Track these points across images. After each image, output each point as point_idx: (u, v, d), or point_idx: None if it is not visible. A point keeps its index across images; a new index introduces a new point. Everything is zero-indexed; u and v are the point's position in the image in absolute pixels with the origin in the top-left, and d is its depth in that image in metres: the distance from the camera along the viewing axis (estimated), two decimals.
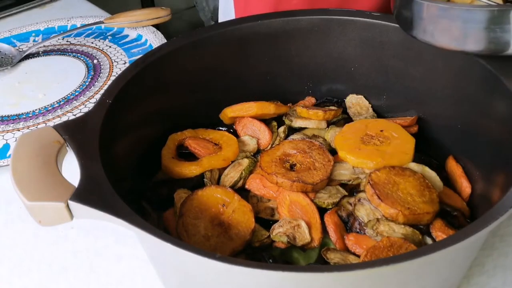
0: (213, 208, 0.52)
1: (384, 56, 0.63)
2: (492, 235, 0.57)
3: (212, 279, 0.42)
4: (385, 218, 0.50)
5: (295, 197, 0.53)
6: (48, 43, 1.01)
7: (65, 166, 0.47)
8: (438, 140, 0.61)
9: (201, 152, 0.60)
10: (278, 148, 0.58)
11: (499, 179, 0.49)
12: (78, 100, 0.84)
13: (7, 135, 0.78)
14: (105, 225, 0.57)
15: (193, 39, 0.62)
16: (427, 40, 0.52)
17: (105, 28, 1.05)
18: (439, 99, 0.60)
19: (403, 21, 0.55)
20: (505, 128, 0.50)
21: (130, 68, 0.57)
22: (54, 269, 0.58)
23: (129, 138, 0.55)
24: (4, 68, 0.95)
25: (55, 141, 0.47)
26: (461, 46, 0.50)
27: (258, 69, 0.66)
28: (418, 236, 0.49)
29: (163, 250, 0.41)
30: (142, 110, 0.58)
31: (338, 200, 0.53)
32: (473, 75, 0.54)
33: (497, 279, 0.53)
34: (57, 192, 0.41)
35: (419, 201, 0.50)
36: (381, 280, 0.39)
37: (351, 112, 0.66)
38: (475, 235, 0.37)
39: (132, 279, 0.56)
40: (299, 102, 0.68)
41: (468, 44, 0.49)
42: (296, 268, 0.38)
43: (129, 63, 0.93)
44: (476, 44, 0.48)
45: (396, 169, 0.53)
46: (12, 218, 0.65)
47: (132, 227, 0.39)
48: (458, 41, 0.49)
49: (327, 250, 0.49)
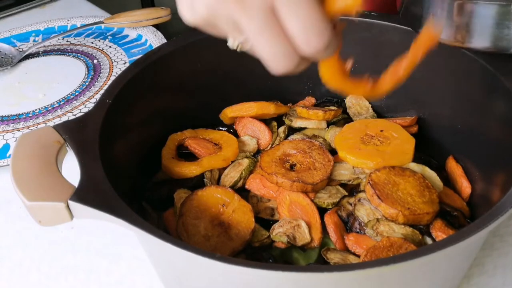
0: (213, 208, 0.52)
1: (384, 56, 0.63)
2: (492, 235, 0.57)
3: (212, 279, 0.42)
4: (385, 218, 0.50)
5: (295, 197, 0.53)
6: (48, 43, 1.01)
7: (65, 166, 0.47)
8: (438, 140, 0.61)
9: (201, 152, 0.60)
10: (278, 148, 0.58)
11: (499, 179, 0.49)
12: (78, 100, 0.84)
13: (7, 135, 0.78)
14: (105, 225, 0.57)
15: (193, 39, 0.62)
16: None
17: (105, 28, 1.05)
18: (439, 99, 0.60)
19: (411, 18, 0.54)
20: (505, 128, 0.50)
21: (130, 68, 0.57)
22: (54, 269, 0.58)
23: (129, 138, 0.55)
24: (4, 68, 0.95)
25: (55, 141, 0.47)
26: (469, 43, 0.49)
27: (258, 69, 0.66)
28: (418, 236, 0.49)
29: (163, 250, 0.41)
30: (142, 110, 0.58)
31: (338, 200, 0.53)
32: (473, 75, 0.54)
33: (497, 279, 0.53)
34: (57, 192, 0.41)
35: (419, 201, 0.50)
36: (381, 280, 0.39)
37: (351, 112, 0.66)
38: (475, 235, 0.37)
39: (132, 279, 0.56)
40: (299, 102, 0.68)
41: (477, 41, 0.48)
42: (296, 268, 0.38)
43: (129, 63, 0.93)
44: (485, 41, 0.48)
45: (396, 169, 0.53)
46: (12, 218, 0.65)
47: (132, 227, 0.39)
48: (467, 38, 0.49)
49: (327, 250, 0.49)
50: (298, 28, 0.37)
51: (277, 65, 0.39)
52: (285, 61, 0.38)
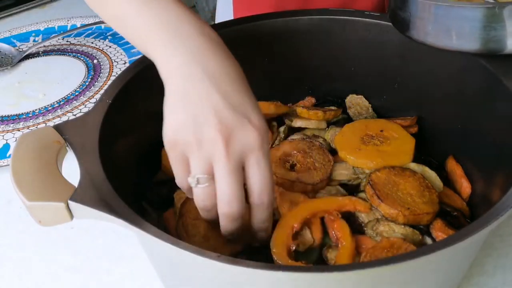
0: None
1: (384, 56, 0.63)
2: (492, 235, 0.57)
3: (212, 279, 0.42)
4: (385, 219, 0.50)
5: (295, 197, 0.53)
6: (48, 43, 1.01)
7: (65, 166, 0.47)
8: (438, 140, 0.61)
9: None
10: (278, 148, 0.58)
11: (499, 179, 0.49)
12: (78, 100, 0.84)
13: (7, 135, 0.78)
14: (105, 225, 0.57)
15: None
16: (423, 41, 0.51)
17: (105, 28, 1.05)
18: (439, 99, 0.60)
19: (398, 22, 0.54)
20: (505, 128, 0.50)
21: (130, 68, 0.57)
22: (54, 269, 0.58)
23: (129, 138, 0.55)
24: (4, 68, 0.95)
25: (55, 141, 0.47)
26: (459, 46, 0.49)
27: (258, 69, 0.66)
28: (418, 236, 0.49)
29: (163, 250, 0.41)
30: (142, 110, 0.58)
31: None
32: (473, 75, 0.54)
33: (497, 279, 0.53)
34: (57, 192, 0.41)
35: (419, 202, 0.50)
36: (381, 280, 0.39)
37: (351, 112, 0.66)
38: (475, 235, 0.37)
39: (132, 279, 0.56)
40: (299, 102, 0.68)
41: (466, 44, 0.49)
42: (296, 268, 0.38)
43: (129, 63, 0.93)
44: (474, 43, 0.48)
45: (396, 170, 0.53)
46: (12, 218, 0.65)
47: (132, 227, 0.39)
48: (456, 41, 0.49)
49: (327, 250, 0.49)
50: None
51: (228, 207, 0.43)
52: (238, 204, 0.43)
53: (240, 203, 0.43)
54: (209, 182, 0.43)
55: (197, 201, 0.45)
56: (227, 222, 0.45)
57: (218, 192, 0.43)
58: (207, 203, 0.45)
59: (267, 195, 0.44)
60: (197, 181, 0.43)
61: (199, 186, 0.44)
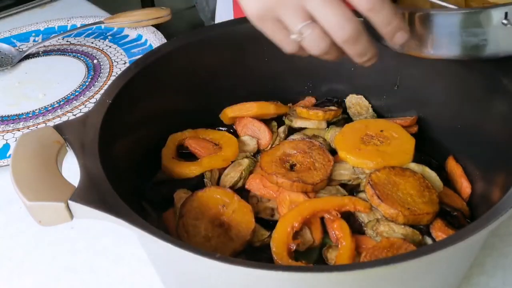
0: (213, 209, 0.52)
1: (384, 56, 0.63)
2: (492, 235, 0.57)
3: (212, 279, 0.42)
4: (385, 219, 0.50)
5: (295, 197, 0.53)
6: (48, 43, 1.01)
7: (65, 166, 0.47)
8: (438, 140, 0.61)
9: (201, 152, 0.60)
10: (278, 148, 0.58)
11: (499, 179, 0.49)
12: (78, 100, 0.84)
13: (7, 135, 0.78)
14: (105, 225, 0.57)
15: (193, 39, 0.62)
16: (398, 49, 0.50)
17: (105, 28, 1.05)
18: (439, 99, 0.60)
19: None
20: (505, 128, 0.50)
21: (130, 68, 0.57)
22: (54, 269, 0.58)
23: (129, 138, 0.55)
24: (4, 68, 0.95)
25: (55, 141, 0.47)
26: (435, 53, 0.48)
27: (258, 69, 0.66)
28: (418, 236, 0.49)
29: (163, 250, 0.41)
30: (142, 110, 0.58)
31: None
32: (473, 75, 0.54)
33: (497, 279, 0.53)
34: (57, 192, 0.41)
35: (419, 202, 0.50)
36: (381, 280, 0.39)
37: (351, 112, 0.66)
38: (475, 235, 0.37)
39: (132, 279, 0.56)
40: (299, 102, 0.68)
41: (442, 51, 0.48)
42: (296, 268, 0.38)
43: (129, 63, 0.93)
44: (451, 50, 0.47)
45: (396, 170, 0.53)
46: (12, 218, 0.65)
47: (132, 227, 0.39)
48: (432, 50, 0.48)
49: (327, 250, 0.49)
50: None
51: (343, 31, 0.43)
52: (350, 22, 0.42)
53: (351, 19, 0.42)
54: (312, 26, 0.43)
55: (314, 50, 0.45)
56: (354, 46, 0.44)
57: (326, 25, 0.42)
58: (323, 45, 0.44)
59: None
60: (301, 32, 0.43)
61: (305, 35, 0.43)
